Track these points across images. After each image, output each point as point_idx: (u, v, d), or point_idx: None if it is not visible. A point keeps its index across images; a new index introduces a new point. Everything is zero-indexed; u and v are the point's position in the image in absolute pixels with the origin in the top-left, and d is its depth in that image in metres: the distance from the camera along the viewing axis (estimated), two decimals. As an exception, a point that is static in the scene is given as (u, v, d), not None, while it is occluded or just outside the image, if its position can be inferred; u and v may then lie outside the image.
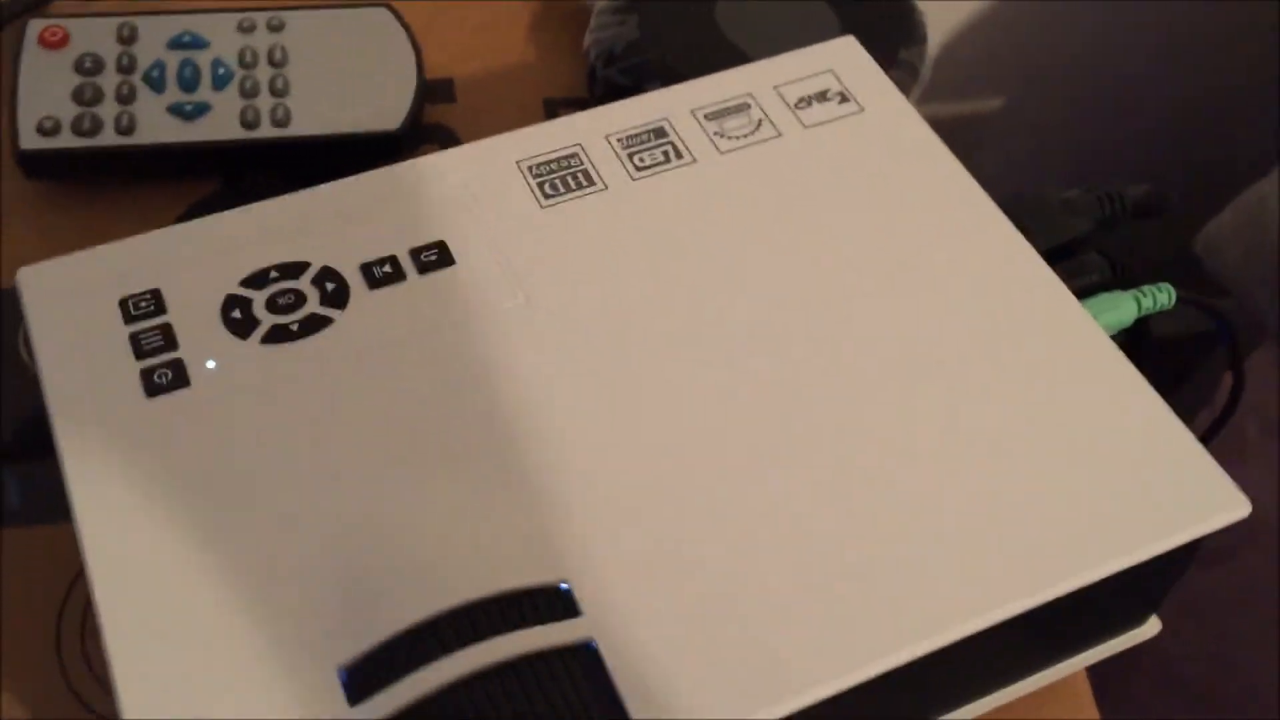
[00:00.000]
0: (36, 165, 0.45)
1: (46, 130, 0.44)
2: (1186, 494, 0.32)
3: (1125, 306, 0.37)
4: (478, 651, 0.28)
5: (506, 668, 0.28)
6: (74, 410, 0.33)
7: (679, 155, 0.39)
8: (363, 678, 0.29)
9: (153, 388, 0.33)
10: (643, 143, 0.39)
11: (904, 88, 0.49)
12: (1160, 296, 0.37)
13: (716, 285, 0.35)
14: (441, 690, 0.28)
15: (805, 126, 0.39)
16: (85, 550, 0.30)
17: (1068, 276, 0.37)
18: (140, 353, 0.34)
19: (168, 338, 0.34)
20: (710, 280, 0.36)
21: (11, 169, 0.45)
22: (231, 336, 0.34)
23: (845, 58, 0.41)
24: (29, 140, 0.44)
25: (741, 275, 0.36)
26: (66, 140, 0.44)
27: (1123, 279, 0.39)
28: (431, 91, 0.49)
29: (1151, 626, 0.37)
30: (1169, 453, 0.33)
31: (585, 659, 0.29)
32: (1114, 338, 0.37)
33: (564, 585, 0.30)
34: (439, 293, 0.35)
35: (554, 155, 0.38)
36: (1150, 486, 0.32)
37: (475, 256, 0.36)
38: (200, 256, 0.36)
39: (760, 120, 0.40)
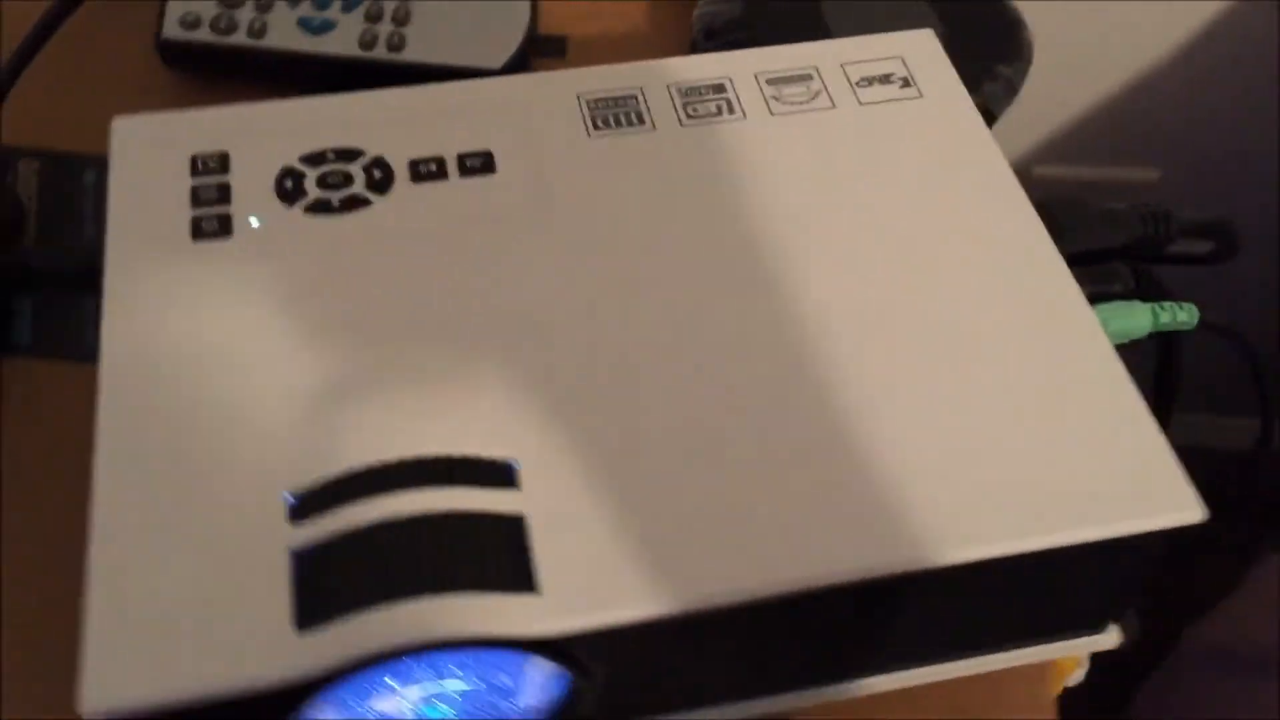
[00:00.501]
0: (173, 54, 0.49)
1: (188, 24, 0.49)
2: (1142, 490, 0.32)
3: (1140, 316, 0.37)
4: (415, 498, 0.31)
5: (435, 519, 0.30)
6: (126, 238, 0.36)
7: (731, 111, 0.40)
8: (306, 503, 0.31)
9: (199, 232, 0.36)
10: (700, 95, 0.41)
11: (997, 102, 0.50)
12: (1180, 314, 0.37)
13: (732, 228, 0.37)
14: (372, 525, 0.30)
15: (860, 104, 0.41)
16: (101, 350, 0.34)
17: (1088, 280, 0.37)
18: (196, 202, 0.37)
19: (224, 194, 0.37)
20: (727, 223, 0.37)
21: (153, 56, 0.50)
22: (279, 202, 0.37)
23: (918, 48, 0.42)
24: (171, 30, 0.49)
25: (760, 224, 0.37)
26: (203, 35, 0.49)
27: (1146, 293, 0.38)
28: (545, 45, 0.52)
29: (1110, 637, 0.36)
30: (1135, 449, 0.33)
31: (510, 529, 0.31)
32: (1130, 347, 0.37)
33: (513, 462, 0.32)
34: (473, 195, 0.38)
35: (613, 94, 0.40)
36: (1108, 476, 0.32)
37: (515, 169, 0.38)
38: (273, 131, 0.39)
39: (819, 91, 0.41)
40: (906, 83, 0.41)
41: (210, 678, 0.28)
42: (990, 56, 0.50)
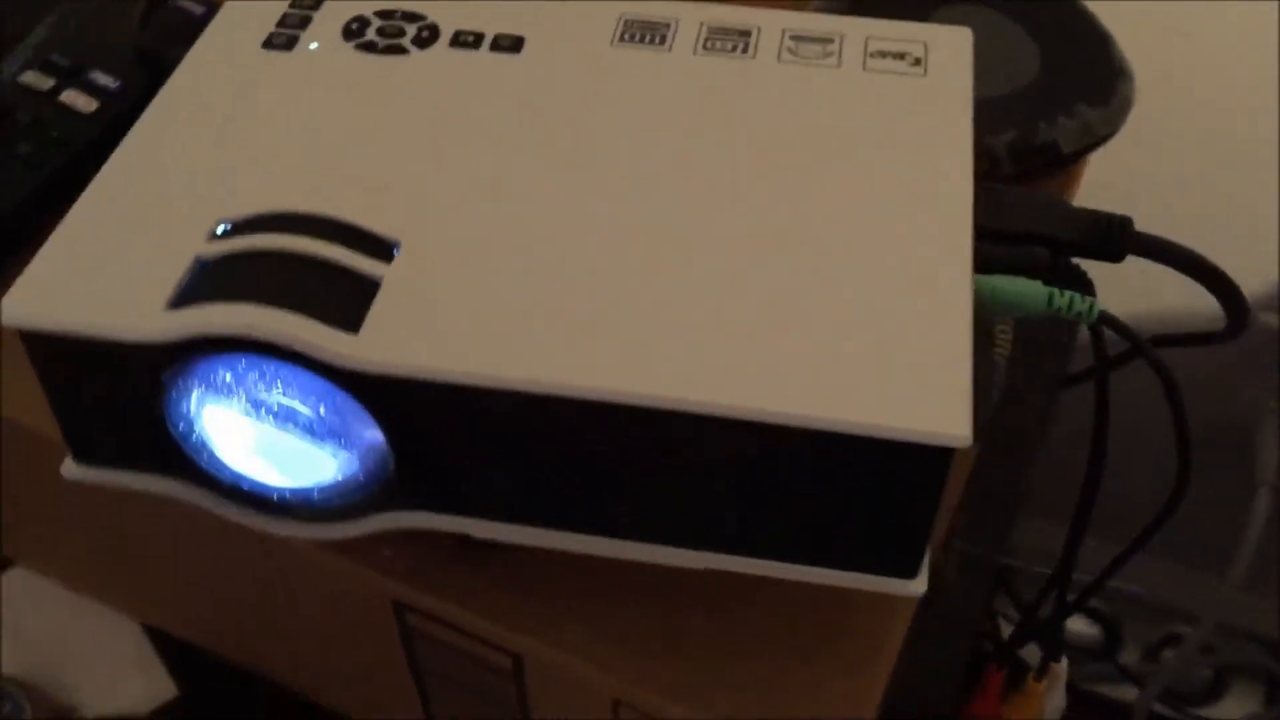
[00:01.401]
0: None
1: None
2: (919, 400, 0.33)
3: (1035, 292, 0.37)
4: (301, 242, 0.37)
5: (300, 255, 0.36)
6: (216, 35, 0.45)
7: (744, 51, 0.44)
8: (227, 231, 0.38)
9: (268, 44, 0.44)
10: (725, 34, 0.45)
11: (1068, 139, 0.51)
12: (1080, 304, 0.37)
13: (690, 134, 0.41)
14: (253, 249, 0.36)
15: (864, 70, 0.43)
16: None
17: (1004, 255, 0.39)
18: (280, 24, 0.45)
19: (304, 23, 0.45)
20: (687, 130, 0.41)
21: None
22: (340, 38, 0.45)
23: (947, 40, 0.45)
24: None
25: (718, 135, 0.41)
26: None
27: (1063, 282, 0.39)
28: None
29: (917, 584, 0.37)
30: (936, 370, 0.34)
31: (360, 284, 0.36)
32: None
33: (396, 242, 0.37)
34: (491, 66, 0.44)
35: (651, 19, 0.45)
36: (892, 385, 0.33)
37: (536, 55, 0.44)
38: (369, -8, 0.47)
39: (833, 54, 0.44)
40: (917, 62, 0.44)
41: (91, 322, 0.35)
42: (1077, 95, 0.51)
